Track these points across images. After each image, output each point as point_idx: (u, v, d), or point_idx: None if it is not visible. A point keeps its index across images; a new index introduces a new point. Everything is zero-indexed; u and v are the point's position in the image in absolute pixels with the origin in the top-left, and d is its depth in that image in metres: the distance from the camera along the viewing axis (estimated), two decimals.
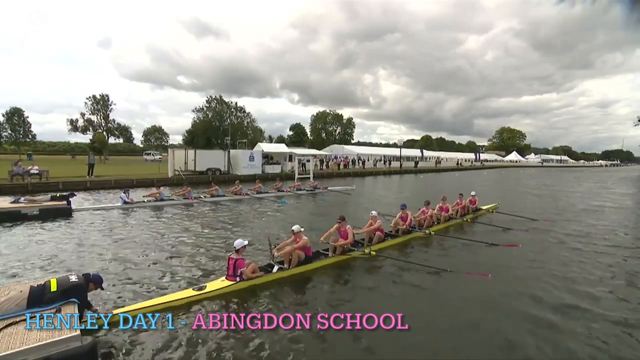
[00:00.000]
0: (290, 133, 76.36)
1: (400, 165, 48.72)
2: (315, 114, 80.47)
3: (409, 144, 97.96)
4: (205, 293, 4.99)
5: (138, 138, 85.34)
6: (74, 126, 54.87)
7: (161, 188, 14.74)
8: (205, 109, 65.38)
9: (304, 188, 18.80)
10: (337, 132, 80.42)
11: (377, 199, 17.97)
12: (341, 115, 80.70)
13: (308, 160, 28.72)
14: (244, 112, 67.85)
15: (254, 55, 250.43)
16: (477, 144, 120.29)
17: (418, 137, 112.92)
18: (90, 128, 55.20)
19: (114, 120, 58.41)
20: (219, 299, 5.02)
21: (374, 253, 6.87)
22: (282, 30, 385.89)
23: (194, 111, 65.58)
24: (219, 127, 63.05)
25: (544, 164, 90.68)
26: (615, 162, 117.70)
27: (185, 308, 4.71)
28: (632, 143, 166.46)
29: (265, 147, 36.47)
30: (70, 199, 11.60)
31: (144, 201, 13.46)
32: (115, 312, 4.31)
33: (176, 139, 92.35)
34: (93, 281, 4.17)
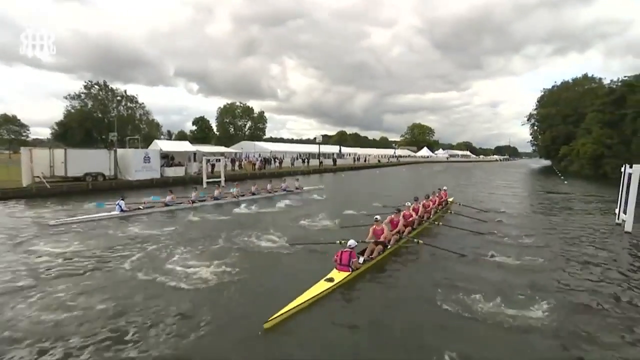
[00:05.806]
0: (193, 128, 69.49)
1: (320, 163, 45.34)
2: (222, 107, 74.63)
3: (324, 139, 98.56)
4: (335, 284, 5.96)
5: None
6: None
7: (172, 193, 13.95)
8: (83, 95, 53.80)
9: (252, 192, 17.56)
10: (247, 127, 76.35)
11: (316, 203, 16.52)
12: (252, 109, 76.50)
13: (218, 160, 25.43)
14: (136, 102, 58.39)
15: (137, 34, 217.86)
16: (389, 139, 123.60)
17: (329, 132, 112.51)
18: None
19: None
20: (345, 289, 6.07)
21: (421, 242, 8.39)
22: (171, 8, 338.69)
23: (67, 98, 53.11)
24: (103, 119, 52.91)
25: (451, 158, 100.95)
26: (507, 157, 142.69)
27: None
28: (517, 140, 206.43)
29: (164, 145, 31.24)
30: None
31: (139, 208, 12.82)
32: None
33: (41, 132, 74.50)
34: None
